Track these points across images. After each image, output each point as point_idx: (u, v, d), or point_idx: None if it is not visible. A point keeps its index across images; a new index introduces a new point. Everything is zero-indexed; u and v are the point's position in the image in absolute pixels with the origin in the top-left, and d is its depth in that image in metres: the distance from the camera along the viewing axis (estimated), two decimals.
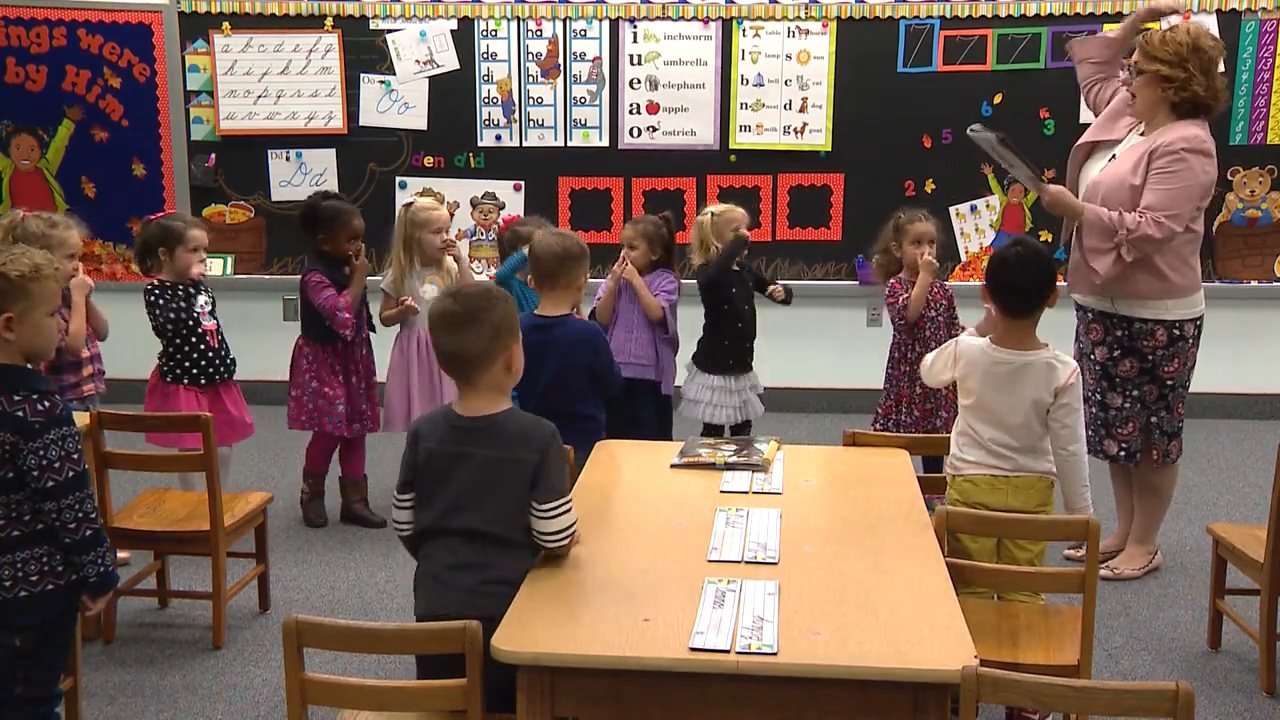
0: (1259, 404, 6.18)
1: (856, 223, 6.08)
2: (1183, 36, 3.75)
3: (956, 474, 3.13)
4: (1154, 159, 3.74)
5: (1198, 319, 3.90)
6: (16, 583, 2.41)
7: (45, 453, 2.38)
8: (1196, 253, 3.90)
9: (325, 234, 4.46)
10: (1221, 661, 3.47)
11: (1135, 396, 3.91)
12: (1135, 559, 4.10)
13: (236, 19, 6.05)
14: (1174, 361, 3.88)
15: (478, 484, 2.39)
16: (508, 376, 2.48)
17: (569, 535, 2.41)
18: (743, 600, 2.19)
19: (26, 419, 2.37)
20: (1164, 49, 3.76)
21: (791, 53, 5.97)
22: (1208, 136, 3.78)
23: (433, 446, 2.44)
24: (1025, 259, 3.05)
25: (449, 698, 2.12)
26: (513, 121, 6.09)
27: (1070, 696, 1.91)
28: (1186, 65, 3.73)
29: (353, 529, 4.55)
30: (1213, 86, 3.77)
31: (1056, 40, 5.88)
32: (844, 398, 6.23)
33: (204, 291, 4.21)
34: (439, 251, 4.60)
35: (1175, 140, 3.73)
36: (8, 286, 2.41)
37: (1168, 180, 3.71)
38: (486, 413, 2.43)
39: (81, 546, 2.44)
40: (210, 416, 3.44)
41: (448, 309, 2.45)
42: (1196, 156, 3.71)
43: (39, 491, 2.39)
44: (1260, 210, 6.00)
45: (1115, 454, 3.96)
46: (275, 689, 3.21)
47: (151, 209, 6.19)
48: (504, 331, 2.45)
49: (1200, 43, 3.75)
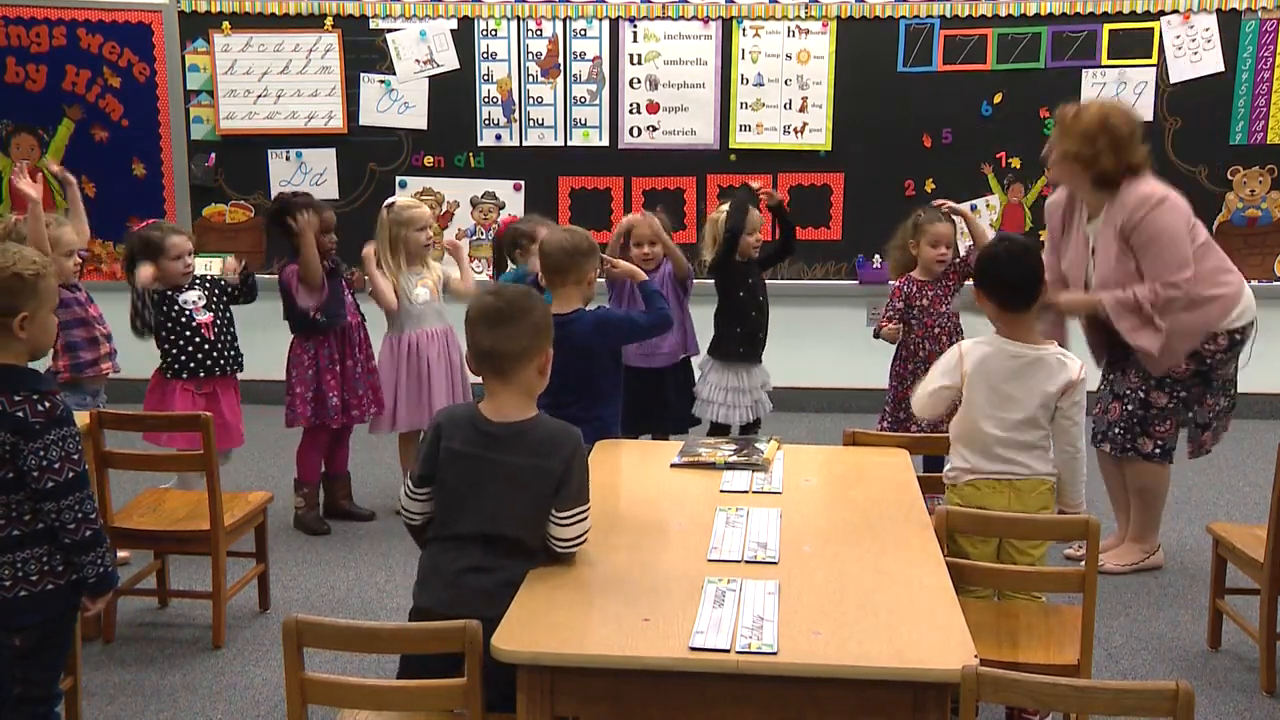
0: (1259, 403, 6.17)
1: (856, 222, 6.09)
2: (1089, 115, 3.80)
3: (955, 483, 3.11)
4: (1129, 240, 3.78)
5: (1254, 320, 3.93)
6: (17, 582, 2.41)
7: (45, 453, 2.38)
8: (1221, 260, 3.89)
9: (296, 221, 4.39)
10: (1221, 661, 3.46)
11: (1181, 397, 3.93)
12: (1125, 555, 4.10)
13: (236, 18, 6.05)
14: (1230, 365, 3.94)
15: (502, 491, 2.37)
16: (539, 380, 2.46)
17: (582, 541, 2.41)
18: (743, 600, 2.19)
19: (27, 419, 2.37)
20: (1072, 125, 3.82)
21: (791, 52, 5.97)
22: (1146, 182, 3.80)
23: (456, 448, 2.41)
24: (1013, 253, 3.08)
25: (449, 697, 2.12)
26: (513, 121, 6.09)
27: (1070, 696, 1.91)
28: (1095, 142, 3.77)
29: (353, 529, 4.54)
30: (1124, 160, 3.79)
31: (1056, 40, 5.88)
32: (844, 397, 6.23)
33: (196, 287, 4.20)
34: (424, 250, 4.59)
35: (1130, 213, 3.76)
36: (21, 286, 2.41)
37: (1151, 248, 3.75)
38: (515, 419, 2.41)
39: (81, 547, 2.44)
40: (210, 416, 3.44)
41: (490, 305, 2.42)
42: (1157, 211, 3.74)
43: (39, 492, 2.39)
44: (1260, 210, 6.00)
45: (1150, 451, 3.95)
46: (275, 688, 3.21)
47: (152, 208, 6.21)
48: (543, 332, 2.44)
49: (1110, 121, 3.78)
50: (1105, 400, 4.01)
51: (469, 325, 2.45)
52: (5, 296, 2.39)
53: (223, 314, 4.25)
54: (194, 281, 4.21)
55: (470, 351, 2.47)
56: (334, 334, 4.47)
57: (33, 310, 2.43)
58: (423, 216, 4.63)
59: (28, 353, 2.46)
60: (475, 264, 6.16)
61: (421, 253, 4.60)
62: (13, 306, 2.40)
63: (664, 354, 4.52)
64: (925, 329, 4.32)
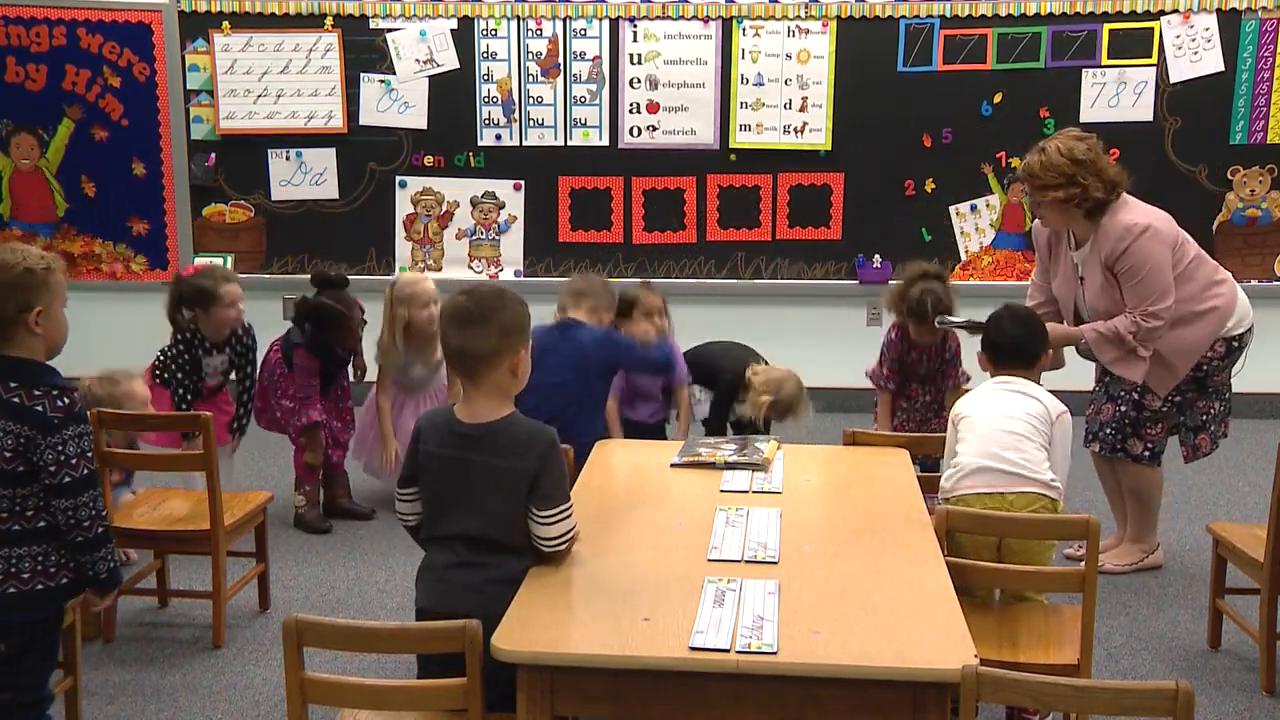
0: (1259, 403, 6.17)
1: (856, 222, 6.09)
2: (1057, 159, 3.79)
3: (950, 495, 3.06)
4: (1114, 269, 3.79)
5: (1251, 326, 3.94)
6: (8, 578, 2.41)
7: (63, 448, 2.39)
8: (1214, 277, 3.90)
9: (324, 334, 4.36)
10: (1221, 661, 3.46)
11: (1175, 401, 3.93)
12: (1125, 556, 4.10)
13: (236, 18, 6.05)
14: (1225, 371, 3.95)
15: (477, 491, 2.38)
16: (513, 381, 2.45)
17: (567, 540, 2.41)
18: (743, 599, 2.19)
19: (46, 414, 2.38)
20: (1047, 175, 3.81)
21: (791, 52, 5.97)
22: (1131, 210, 3.81)
23: (432, 450, 2.43)
24: (1012, 315, 3.30)
25: (449, 697, 2.12)
26: (513, 121, 6.09)
27: (1070, 696, 1.91)
28: (1076, 179, 3.77)
29: (353, 528, 4.54)
30: (1108, 180, 3.80)
31: (1056, 39, 5.88)
32: (844, 397, 6.22)
33: (227, 349, 4.23)
34: (430, 328, 4.32)
35: (1115, 244, 3.77)
36: (34, 281, 2.43)
37: (1134, 276, 3.76)
38: (487, 419, 2.41)
39: (93, 544, 2.46)
40: (210, 416, 3.44)
41: (460, 304, 2.43)
42: (1139, 241, 3.74)
43: (54, 488, 2.39)
44: (1260, 209, 6.00)
45: (1139, 453, 3.96)
46: (275, 688, 3.21)
47: (151, 208, 6.22)
48: (513, 334, 2.42)
49: (1075, 154, 3.78)
50: (1099, 400, 4.01)
51: (440, 324, 2.50)
52: (19, 292, 2.41)
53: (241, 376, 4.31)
54: (229, 336, 4.22)
55: (443, 350, 2.49)
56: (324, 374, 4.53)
57: (46, 304, 2.45)
58: (425, 294, 4.41)
59: (44, 348, 2.48)
60: (475, 263, 6.18)
61: (427, 331, 4.36)
62: (27, 302, 2.42)
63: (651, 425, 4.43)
64: (920, 380, 4.33)
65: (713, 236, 6.14)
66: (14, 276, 2.40)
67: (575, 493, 2.65)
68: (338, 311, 4.36)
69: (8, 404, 2.38)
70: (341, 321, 4.36)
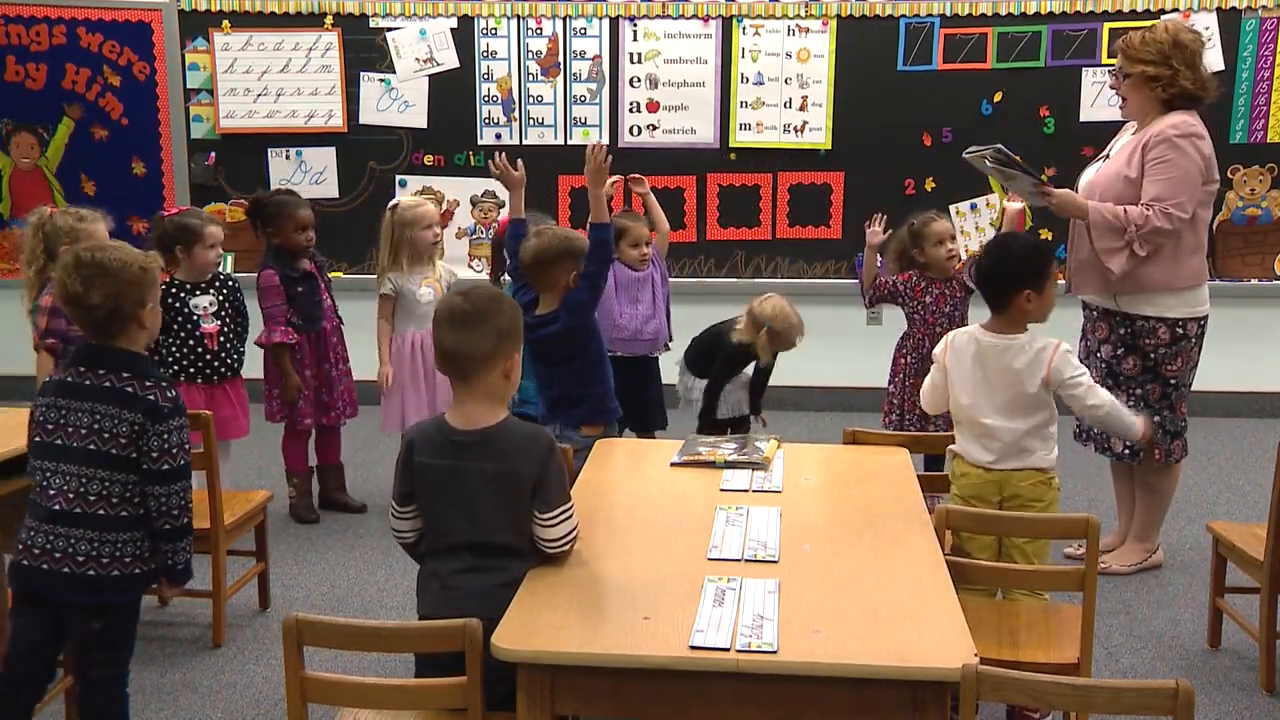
0: (1259, 402, 6.18)
1: (857, 221, 6.06)
2: (1161, 35, 3.78)
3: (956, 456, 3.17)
4: (1147, 151, 3.75)
5: (1201, 319, 3.89)
6: (114, 561, 2.49)
7: (168, 438, 2.48)
8: (1201, 248, 3.88)
9: (273, 227, 4.44)
10: (1221, 660, 3.46)
11: (1139, 395, 3.91)
12: (1129, 556, 4.10)
13: (236, 17, 6.05)
14: (1176, 360, 3.88)
15: (477, 498, 2.36)
16: (506, 385, 2.44)
17: (570, 541, 2.41)
18: (743, 598, 2.19)
19: (158, 403, 2.47)
20: (1145, 49, 3.78)
21: (791, 51, 5.97)
22: (1196, 120, 3.79)
23: (427, 460, 2.40)
24: (995, 245, 3.22)
25: (449, 696, 2.12)
26: (513, 120, 6.09)
27: (1070, 695, 1.91)
28: (1171, 61, 3.75)
29: (353, 528, 4.55)
30: (1199, 78, 3.78)
31: (1057, 39, 5.88)
32: (844, 396, 6.23)
33: (213, 290, 4.19)
34: (431, 248, 4.56)
35: (1164, 129, 3.74)
36: (146, 278, 2.53)
37: (1165, 169, 3.71)
38: (482, 424, 2.39)
39: (177, 534, 2.53)
40: (210, 415, 3.44)
41: (456, 306, 2.41)
42: (1187, 140, 3.72)
43: (153, 474, 2.47)
44: (1260, 209, 6.00)
45: (1120, 452, 3.96)
46: (275, 687, 3.21)
47: (152, 207, 6.17)
48: (508, 337, 2.41)
49: (1180, 38, 3.77)
50: None
51: (435, 325, 2.45)
52: (136, 290, 2.50)
53: (231, 322, 4.24)
54: (213, 280, 4.20)
55: (435, 352, 2.47)
56: (310, 337, 4.50)
57: (153, 300, 2.55)
58: (427, 215, 4.58)
59: (146, 341, 2.58)
60: (475, 263, 6.17)
61: (427, 251, 4.57)
62: (142, 298, 2.51)
63: (646, 341, 4.49)
64: (926, 326, 4.31)
65: (713, 235, 6.14)
66: (133, 275, 2.49)
67: (575, 492, 2.65)
68: (279, 193, 4.55)
69: (122, 393, 2.47)
70: (286, 202, 4.44)
